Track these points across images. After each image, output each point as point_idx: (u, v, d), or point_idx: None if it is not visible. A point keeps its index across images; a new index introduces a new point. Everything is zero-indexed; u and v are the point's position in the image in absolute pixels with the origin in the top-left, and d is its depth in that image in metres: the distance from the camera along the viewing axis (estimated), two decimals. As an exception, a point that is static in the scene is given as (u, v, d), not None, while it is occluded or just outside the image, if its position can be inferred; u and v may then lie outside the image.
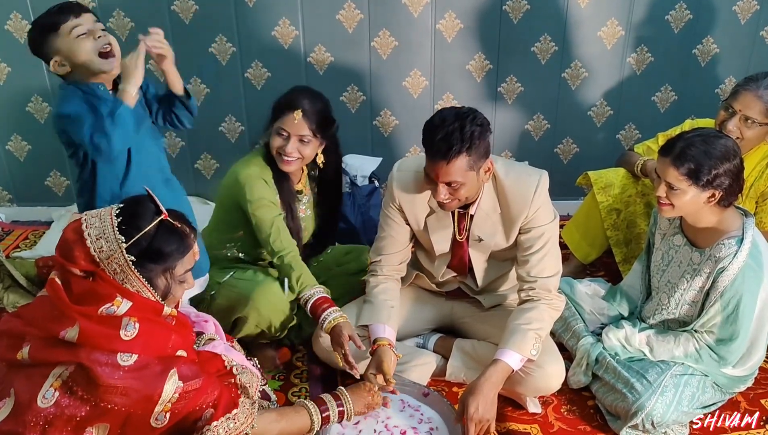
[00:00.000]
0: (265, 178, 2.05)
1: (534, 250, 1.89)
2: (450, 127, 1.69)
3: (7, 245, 2.98)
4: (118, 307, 1.30)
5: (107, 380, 1.26)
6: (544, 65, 2.99)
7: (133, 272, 1.31)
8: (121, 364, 1.28)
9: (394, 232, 2.02)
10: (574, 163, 3.20)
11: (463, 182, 1.74)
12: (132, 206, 1.36)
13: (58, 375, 1.28)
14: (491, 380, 1.77)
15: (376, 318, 1.96)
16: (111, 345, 1.28)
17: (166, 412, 1.32)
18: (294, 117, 1.98)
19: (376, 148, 3.13)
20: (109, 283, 1.31)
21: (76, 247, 1.30)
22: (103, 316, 1.29)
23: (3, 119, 2.99)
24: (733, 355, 1.88)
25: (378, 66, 2.96)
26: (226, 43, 2.86)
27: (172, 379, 1.32)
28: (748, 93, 2.09)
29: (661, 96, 3.11)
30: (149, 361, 1.31)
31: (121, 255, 1.30)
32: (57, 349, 1.29)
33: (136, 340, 1.30)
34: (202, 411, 1.38)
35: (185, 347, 1.41)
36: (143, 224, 1.33)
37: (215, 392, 1.40)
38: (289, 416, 1.59)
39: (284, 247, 2.02)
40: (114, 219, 1.32)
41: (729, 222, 1.83)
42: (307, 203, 2.23)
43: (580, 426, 1.95)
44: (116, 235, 1.30)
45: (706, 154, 1.74)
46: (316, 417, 1.62)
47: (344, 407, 1.68)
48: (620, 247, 2.50)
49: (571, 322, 2.15)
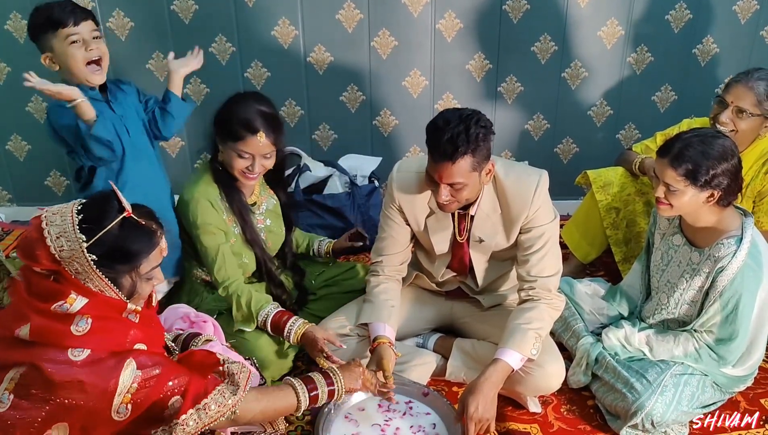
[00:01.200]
0: (211, 199, 1.97)
1: (534, 249, 1.89)
2: (455, 130, 1.69)
3: (6, 245, 2.98)
4: (71, 304, 1.25)
5: (60, 377, 1.22)
6: (544, 65, 2.99)
7: (95, 272, 1.26)
8: (72, 359, 1.23)
9: (394, 232, 2.02)
10: (574, 163, 3.20)
11: (466, 183, 1.75)
12: (95, 203, 1.30)
13: (11, 378, 1.24)
14: (491, 380, 1.77)
15: (376, 317, 1.96)
16: (62, 341, 1.24)
17: (127, 403, 1.27)
18: (258, 139, 1.90)
19: (376, 148, 3.13)
20: (71, 283, 1.26)
21: (37, 245, 1.25)
22: (56, 313, 1.25)
23: (3, 119, 2.99)
24: (733, 354, 1.88)
25: (378, 66, 2.96)
26: (225, 43, 2.86)
27: (129, 368, 1.27)
28: (739, 85, 2.12)
29: (661, 96, 3.11)
30: (103, 355, 1.26)
31: (82, 255, 1.24)
32: (13, 350, 1.25)
33: (88, 336, 1.25)
34: (168, 398, 1.31)
35: (147, 342, 1.34)
36: (105, 222, 1.27)
37: (181, 378, 1.33)
38: (272, 395, 1.51)
39: (228, 276, 1.96)
40: (75, 216, 1.26)
41: (728, 221, 1.83)
42: (266, 213, 2.15)
43: (580, 426, 1.95)
44: (77, 234, 1.24)
45: (703, 154, 1.74)
46: (303, 396, 1.53)
47: (335, 386, 1.59)
48: (620, 246, 2.50)
49: (570, 321, 2.15)
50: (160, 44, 2.85)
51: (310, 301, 2.28)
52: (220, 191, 2.00)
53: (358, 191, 2.83)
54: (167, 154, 3.09)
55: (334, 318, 2.08)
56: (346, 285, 2.30)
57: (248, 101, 1.94)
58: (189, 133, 3.06)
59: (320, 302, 2.26)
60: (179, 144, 3.09)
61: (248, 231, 2.04)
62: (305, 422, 1.96)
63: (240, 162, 1.93)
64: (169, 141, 3.06)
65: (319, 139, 3.13)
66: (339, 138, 3.13)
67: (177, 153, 3.11)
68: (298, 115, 3.05)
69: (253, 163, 1.94)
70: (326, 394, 1.58)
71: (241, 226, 2.03)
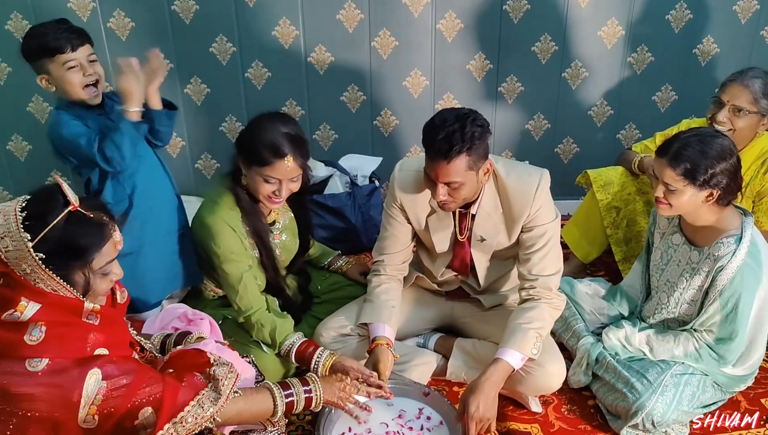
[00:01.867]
0: (232, 225, 1.92)
1: (535, 248, 1.89)
2: (451, 128, 1.69)
3: (7, 245, 2.98)
4: (22, 312, 1.19)
5: (20, 389, 1.17)
6: (545, 65, 2.99)
7: (45, 271, 1.20)
8: (31, 369, 1.18)
9: (396, 231, 2.02)
10: (575, 163, 3.20)
11: (463, 182, 1.75)
12: (38, 199, 1.23)
13: None
14: (492, 379, 1.77)
15: (376, 317, 1.96)
16: (17, 351, 1.19)
17: (93, 414, 1.22)
18: (286, 164, 1.82)
19: (377, 147, 3.13)
20: (20, 284, 1.20)
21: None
22: (7, 322, 1.19)
23: (4, 119, 2.99)
24: (733, 353, 1.88)
25: (378, 66, 2.96)
26: (226, 43, 2.87)
27: (93, 379, 1.22)
28: (734, 83, 2.13)
29: (662, 96, 3.11)
30: (63, 364, 1.21)
31: (29, 254, 1.18)
32: None
33: (44, 344, 1.20)
34: (138, 409, 1.26)
35: (108, 345, 1.29)
36: (50, 217, 1.20)
37: (153, 387, 1.28)
38: (249, 398, 1.47)
39: (251, 305, 1.94)
40: (18, 214, 1.19)
41: (728, 221, 1.83)
42: (282, 228, 2.12)
43: (581, 425, 1.96)
44: (21, 233, 1.18)
45: (702, 153, 1.74)
46: (279, 401, 1.50)
47: (312, 394, 1.56)
48: (620, 245, 2.50)
49: (571, 321, 2.15)
50: (160, 44, 2.83)
51: (314, 305, 2.29)
52: (242, 215, 1.95)
53: (358, 191, 2.83)
54: (168, 155, 3.09)
55: (335, 318, 2.08)
56: (351, 290, 2.30)
57: (274, 124, 1.85)
58: (189, 134, 3.06)
59: (324, 306, 2.25)
60: (180, 144, 3.09)
61: (266, 256, 2.01)
62: (306, 422, 1.96)
63: (266, 187, 1.87)
64: (171, 141, 3.06)
65: (320, 139, 3.13)
66: (339, 138, 3.13)
67: (178, 153, 3.11)
68: (299, 115, 3.05)
69: (280, 188, 1.87)
70: (303, 401, 1.55)
71: (260, 250, 2.00)
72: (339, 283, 2.35)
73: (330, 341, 2.02)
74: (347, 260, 2.42)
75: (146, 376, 1.29)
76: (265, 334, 1.93)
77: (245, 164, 1.89)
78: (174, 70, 2.90)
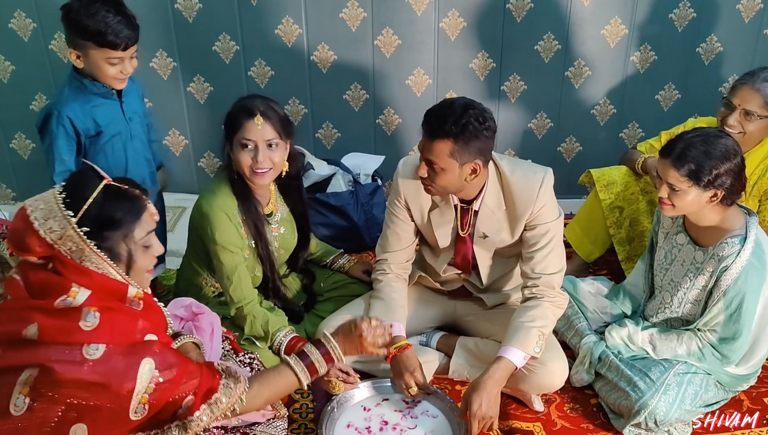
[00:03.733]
0: (228, 213, 1.93)
1: (539, 246, 1.89)
2: (449, 110, 1.71)
3: (11, 243, 2.99)
4: (74, 297, 1.23)
5: (72, 376, 1.19)
6: (548, 64, 2.99)
7: (89, 246, 1.24)
8: (87, 357, 1.21)
9: (399, 228, 2.02)
10: (577, 162, 3.20)
11: (443, 168, 1.75)
12: (73, 180, 1.30)
13: (24, 381, 1.21)
14: (495, 377, 1.77)
15: (391, 316, 1.96)
16: (72, 338, 1.21)
17: (145, 403, 1.25)
18: (255, 123, 1.85)
19: (379, 146, 3.14)
20: (68, 265, 1.24)
21: (26, 234, 1.23)
22: (61, 309, 1.22)
23: (7, 117, 2.99)
24: (736, 353, 1.88)
25: (381, 64, 2.96)
26: (229, 42, 2.87)
27: (147, 367, 1.25)
28: (746, 87, 2.10)
29: (665, 94, 3.11)
30: (118, 350, 1.24)
31: (73, 230, 1.22)
32: (21, 351, 1.22)
33: (99, 330, 1.22)
34: (181, 399, 1.31)
35: (154, 331, 1.33)
36: (87, 193, 1.25)
37: (193, 380, 1.33)
38: (272, 379, 1.50)
39: (244, 296, 1.95)
40: (58, 196, 1.25)
41: (732, 220, 1.83)
42: (280, 220, 2.13)
43: (583, 424, 1.96)
44: (63, 212, 1.23)
45: (706, 154, 1.73)
46: (301, 374, 1.51)
47: (331, 352, 1.56)
48: (623, 245, 2.50)
49: (574, 320, 2.15)
50: (163, 43, 2.85)
51: (318, 303, 2.29)
52: (238, 204, 1.96)
53: (361, 190, 2.83)
54: (171, 153, 3.10)
55: (338, 316, 2.08)
56: (354, 288, 2.30)
57: (250, 96, 1.94)
58: (192, 132, 3.06)
59: (327, 304, 2.25)
60: (183, 142, 3.10)
61: (261, 246, 2.01)
62: (308, 420, 1.96)
63: (243, 154, 1.88)
64: (173, 139, 3.07)
65: (323, 137, 3.13)
66: (342, 136, 3.13)
67: (181, 152, 3.12)
68: (302, 114, 3.05)
69: (256, 153, 1.87)
70: (323, 361, 1.55)
71: (255, 240, 2.00)
72: (341, 281, 2.35)
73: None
74: (349, 259, 2.42)
75: (188, 368, 1.33)
76: (257, 326, 1.94)
77: (228, 141, 1.92)
78: (177, 69, 2.90)
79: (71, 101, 1.95)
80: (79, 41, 1.88)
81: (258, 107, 1.87)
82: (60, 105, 1.95)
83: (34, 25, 2.76)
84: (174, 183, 3.16)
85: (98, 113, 2.00)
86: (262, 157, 1.88)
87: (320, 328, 2.06)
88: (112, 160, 2.04)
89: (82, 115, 1.96)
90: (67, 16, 1.87)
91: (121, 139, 2.06)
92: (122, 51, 1.89)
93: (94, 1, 1.85)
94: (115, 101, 2.03)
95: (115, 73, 1.93)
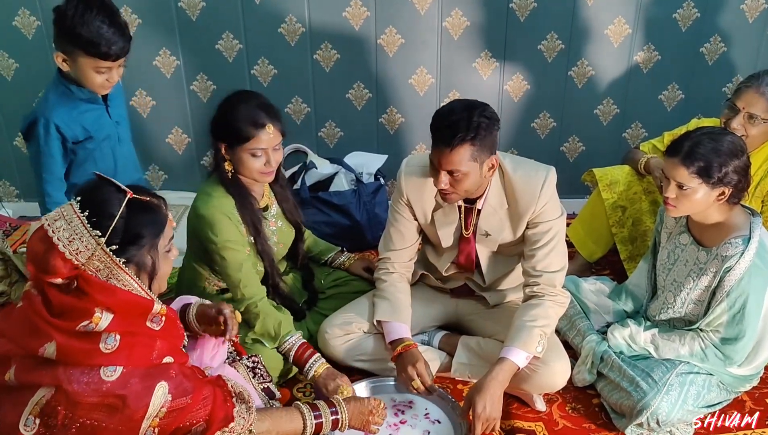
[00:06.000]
0: (228, 214, 1.92)
1: (540, 244, 1.89)
2: (457, 116, 1.71)
3: (14, 240, 2.99)
4: (97, 323, 1.20)
5: (88, 397, 1.18)
6: (551, 63, 2.99)
7: (118, 265, 1.22)
8: (105, 379, 1.20)
9: (402, 227, 2.02)
10: (580, 162, 3.19)
11: (466, 172, 1.75)
12: (92, 195, 1.24)
13: (36, 402, 1.20)
14: (498, 379, 1.78)
15: (397, 317, 1.97)
16: (91, 360, 1.20)
17: (154, 427, 1.24)
18: (267, 131, 1.85)
19: (382, 145, 3.13)
20: (94, 284, 1.21)
21: (50, 256, 1.18)
22: (81, 332, 1.20)
23: (10, 115, 3.00)
24: (739, 354, 1.87)
25: (384, 63, 2.96)
26: (232, 40, 2.87)
27: (161, 392, 1.24)
28: (750, 90, 2.09)
29: (668, 94, 3.10)
30: (135, 373, 1.23)
31: (102, 251, 1.20)
32: (39, 370, 1.21)
33: (118, 352, 1.22)
34: (192, 425, 1.30)
35: (171, 352, 1.32)
36: (113, 210, 1.22)
37: (206, 408, 1.33)
38: (282, 417, 1.52)
39: (254, 293, 1.94)
40: (81, 215, 1.20)
41: (736, 220, 1.83)
42: (276, 214, 2.12)
43: (585, 424, 1.95)
44: (91, 232, 1.19)
45: (715, 151, 1.73)
46: (309, 421, 1.55)
47: (339, 416, 1.60)
48: (625, 244, 2.50)
49: (576, 320, 2.15)
50: (167, 41, 2.85)
51: (319, 301, 2.29)
52: (235, 203, 1.95)
53: (363, 189, 2.83)
54: (174, 151, 3.11)
55: (342, 314, 2.08)
56: (355, 285, 2.30)
57: (243, 100, 1.90)
58: (195, 130, 3.07)
59: (329, 301, 2.25)
60: (186, 141, 3.10)
61: (260, 242, 2.01)
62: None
63: (255, 161, 1.89)
64: (176, 137, 3.08)
65: (325, 136, 3.13)
66: (345, 135, 3.13)
67: (183, 150, 3.12)
68: (305, 113, 3.05)
69: (268, 159, 1.90)
70: (330, 423, 1.59)
71: (254, 237, 2.00)
72: (342, 278, 2.35)
73: (334, 337, 2.03)
74: (349, 256, 2.42)
75: (201, 395, 1.32)
76: (269, 325, 1.92)
77: (228, 148, 1.90)
78: (180, 67, 2.91)
79: (59, 107, 1.95)
80: (68, 47, 1.86)
81: (266, 117, 1.86)
82: (47, 111, 1.94)
83: (38, 23, 2.77)
84: (177, 181, 3.17)
85: (86, 119, 2.00)
86: (273, 161, 1.91)
87: (323, 327, 2.07)
88: (102, 165, 2.04)
89: (70, 121, 1.96)
90: (60, 20, 1.84)
91: (109, 144, 2.07)
92: (112, 62, 1.89)
93: (89, 8, 1.81)
94: (101, 106, 2.04)
95: (102, 82, 1.93)
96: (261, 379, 1.75)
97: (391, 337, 1.95)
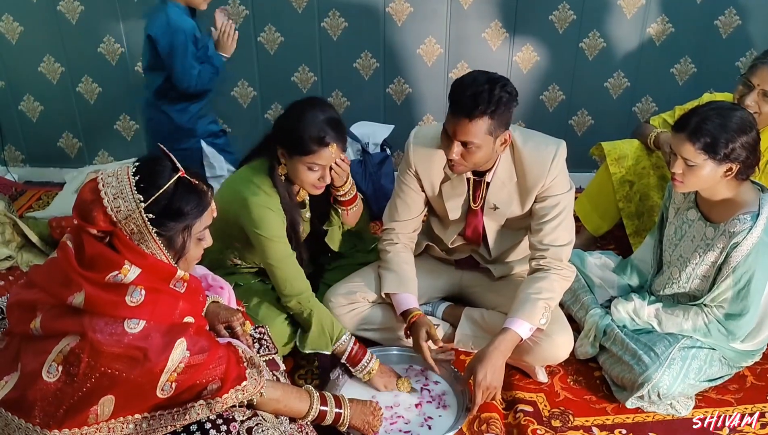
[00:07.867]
0: (274, 209, 1.90)
1: (548, 218, 1.89)
2: (480, 88, 1.69)
3: (20, 205, 3.01)
4: (125, 275, 1.27)
5: (111, 348, 1.24)
6: (561, 34, 2.94)
7: (150, 233, 1.28)
8: (128, 331, 1.25)
9: (409, 198, 2.02)
10: (589, 136, 3.16)
11: (479, 145, 1.73)
12: (149, 164, 1.32)
13: (60, 350, 1.25)
14: (500, 348, 1.79)
15: (404, 288, 1.98)
16: (116, 311, 1.26)
17: (172, 382, 1.30)
18: (330, 151, 1.82)
19: (389, 115, 3.11)
20: (126, 244, 1.28)
21: (93, 207, 1.26)
22: (110, 283, 1.26)
23: (15, 79, 2.98)
24: (742, 329, 1.88)
25: (392, 33, 2.92)
26: (239, 6, 2.83)
27: (180, 348, 1.29)
28: (765, 67, 2.06)
29: (680, 68, 3.06)
30: (157, 328, 1.28)
31: (140, 215, 1.26)
32: (65, 319, 1.27)
33: (142, 307, 1.27)
34: (207, 383, 1.35)
35: (193, 313, 1.38)
36: (162, 182, 1.29)
37: (221, 367, 1.38)
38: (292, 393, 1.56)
39: (303, 289, 1.92)
40: (131, 178, 1.28)
41: (744, 197, 1.81)
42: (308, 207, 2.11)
43: (586, 396, 1.97)
44: (134, 195, 1.27)
45: (722, 127, 1.71)
46: (315, 407, 1.59)
47: (342, 413, 1.64)
48: (632, 219, 2.49)
49: (580, 293, 2.15)
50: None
51: (326, 271, 2.28)
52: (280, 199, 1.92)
53: (369, 159, 2.82)
54: (239, 104, 3.09)
55: (346, 284, 2.08)
56: (359, 256, 2.30)
57: (314, 112, 1.84)
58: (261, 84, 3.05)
59: (334, 273, 2.24)
60: (251, 93, 3.08)
61: (295, 239, 1.98)
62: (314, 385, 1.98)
63: (310, 175, 1.86)
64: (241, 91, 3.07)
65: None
66: (352, 105, 3.11)
67: (248, 103, 3.09)
68: (311, 82, 3.03)
69: (324, 175, 1.87)
70: (333, 417, 1.63)
71: (290, 234, 1.96)
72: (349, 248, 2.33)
73: (338, 306, 2.04)
74: None
75: (217, 355, 1.37)
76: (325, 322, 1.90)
77: (287, 155, 1.87)
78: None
79: None
80: None
81: (331, 137, 1.82)
82: None
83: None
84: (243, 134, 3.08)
85: None
86: (328, 178, 1.89)
87: (327, 295, 2.07)
88: None
89: None
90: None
91: None
92: None
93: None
94: None
95: None
96: (266, 350, 1.76)
97: (401, 308, 1.96)
